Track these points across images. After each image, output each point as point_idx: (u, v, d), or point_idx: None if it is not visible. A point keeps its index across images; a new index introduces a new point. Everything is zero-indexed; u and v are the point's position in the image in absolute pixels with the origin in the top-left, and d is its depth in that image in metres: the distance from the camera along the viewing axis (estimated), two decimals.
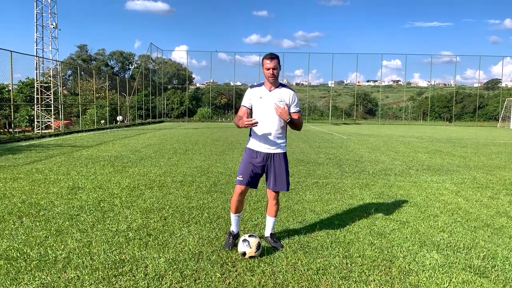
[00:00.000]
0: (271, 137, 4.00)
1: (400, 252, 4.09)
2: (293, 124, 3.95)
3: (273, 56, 3.89)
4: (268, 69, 3.89)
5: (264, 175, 4.18)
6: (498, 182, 8.17)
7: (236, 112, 4.48)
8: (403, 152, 13.62)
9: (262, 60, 3.92)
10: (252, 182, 4.06)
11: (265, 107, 3.96)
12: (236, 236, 4.17)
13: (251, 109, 4.06)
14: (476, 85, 61.06)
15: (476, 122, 51.45)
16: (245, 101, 4.07)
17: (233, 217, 4.18)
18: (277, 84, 4.01)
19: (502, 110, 46.62)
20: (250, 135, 4.17)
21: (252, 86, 4.13)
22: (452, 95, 55.99)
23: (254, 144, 4.08)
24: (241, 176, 4.04)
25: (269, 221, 4.25)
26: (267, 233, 4.25)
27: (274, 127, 4.00)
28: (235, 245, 4.07)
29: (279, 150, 4.07)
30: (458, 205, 6.10)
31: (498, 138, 22.94)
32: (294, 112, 3.99)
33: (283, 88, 4.03)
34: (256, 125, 3.78)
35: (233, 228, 4.21)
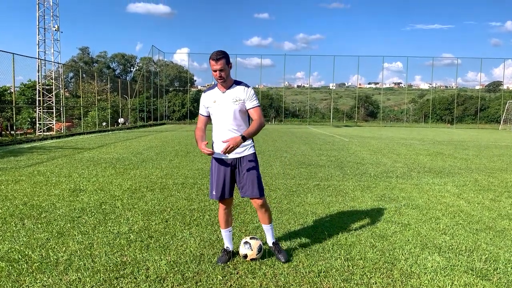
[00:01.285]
0: None
1: (402, 254, 4.08)
2: (253, 134, 3.61)
3: (218, 57, 3.52)
4: (215, 70, 3.56)
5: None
6: (500, 184, 8.15)
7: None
8: (404, 154, 13.60)
9: (209, 61, 3.56)
10: (230, 192, 3.81)
11: (221, 110, 3.67)
12: (231, 253, 3.90)
13: (209, 116, 3.81)
14: (477, 87, 61.14)
15: (477, 125, 51.38)
16: (201, 109, 3.84)
17: (223, 232, 3.96)
18: (229, 83, 3.69)
19: (504, 112, 46.53)
20: (213, 142, 3.85)
21: (205, 91, 3.84)
22: (453, 97, 55.95)
23: (219, 151, 3.72)
24: (213, 191, 3.79)
25: (266, 230, 3.98)
26: (269, 242, 3.97)
27: (235, 130, 3.67)
28: (229, 261, 3.81)
29: (246, 152, 3.75)
30: (459, 208, 6.09)
31: (499, 140, 22.90)
32: (252, 108, 3.68)
33: (237, 86, 3.69)
34: (212, 155, 3.60)
35: (228, 244, 3.95)
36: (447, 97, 61.01)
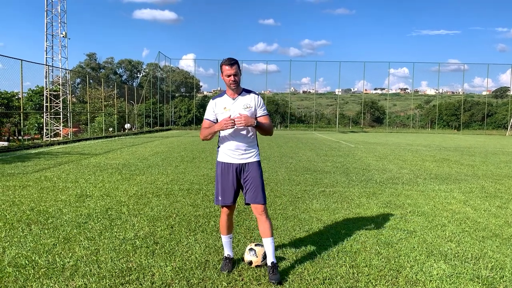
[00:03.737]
0: (242, 147, 3.72)
1: (407, 262, 4.06)
2: (262, 128, 3.72)
3: (232, 62, 3.61)
4: (229, 75, 3.61)
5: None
6: (507, 191, 8.09)
7: None
8: (410, 160, 13.55)
9: (221, 66, 3.64)
10: (234, 198, 3.80)
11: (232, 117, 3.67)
12: (232, 260, 3.91)
13: (215, 122, 3.77)
14: (484, 93, 60.78)
15: (484, 131, 51.04)
16: (209, 114, 3.80)
17: (224, 239, 3.93)
18: (239, 90, 3.75)
19: (511, 118, 46.24)
20: (218, 147, 3.88)
21: (214, 97, 3.86)
22: (460, 103, 55.68)
23: (225, 157, 3.78)
24: (219, 196, 3.80)
25: (267, 244, 3.70)
26: (269, 260, 3.67)
27: (244, 136, 3.74)
28: (233, 267, 3.84)
29: (252, 159, 3.77)
30: (466, 215, 6.06)
31: (507, 146, 22.74)
32: (261, 116, 3.75)
33: (247, 94, 3.76)
34: (234, 126, 3.57)
35: (228, 252, 3.92)
36: (454, 103, 60.73)
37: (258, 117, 3.74)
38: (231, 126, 3.53)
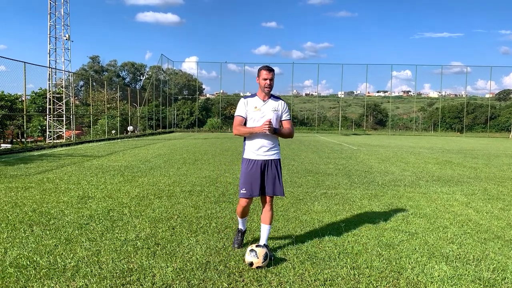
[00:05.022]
0: (266, 145, 4.19)
1: (409, 263, 4.06)
2: (281, 134, 4.22)
3: (270, 69, 4.15)
4: (266, 79, 4.12)
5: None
6: (509, 193, 8.07)
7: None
8: (413, 163, 13.53)
9: (259, 70, 4.15)
10: (255, 191, 4.21)
11: (260, 116, 4.18)
12: (243, 233, 4.54)
13: (245, 119, 4.25)
14: (487, 95, 60.59)
15: (487, 133, 50.89)
16: (241, 111, 4.25)
17: (240, 220, 4.51)
18: (270, 95, 4.26)
19: None
20: (244, 144, 4.34)
21: (245, 97, 4.33)
22: (463, 105, 55.56)
23: (250, 154, 4.24)
24: (244, 189, 4.22)
25: (264, 230, 4.25)
26: (261, 242, 4.19)
27: (268, 136, 4.19)
28: (243, 243, 4.44)
29: (274, 157, 4.26)
30: (468, 217, 6.04)
31: (510, 149, 22.67)
32: (285, 120, 4.29)
33: (276, 99, 4.29)
34: (270, 127, 4.03)
35: (241, 226, 4.54)
36: (457, 106, 60.55)
37: (282, 120, 4.29)
38: (268, 130, 4.02)
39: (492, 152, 19.49)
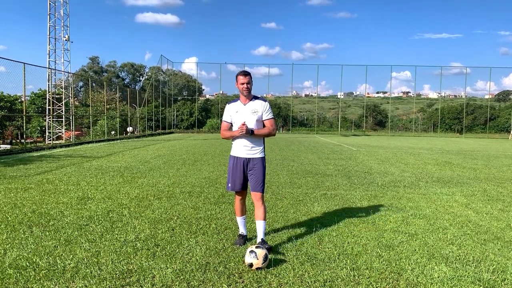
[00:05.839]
0: (247, 145, 4.50)
1: (408, 264, 4.05)
2: (259, 134, 4.46)
3: (246, 73, 4.47)
4: (243, 83, 4.43)
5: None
6: (509, 194, 8.07)
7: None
8: (412, 164, 13.53)
9: (236, 76, 4.49)
10: (242, 185, 4.57)
11: (241, 119, 4.47)
12: (245, 237, 4.69)
13: (231, 123, 4.63)
14: (487, 96, 60.63)
15: (487, 134, 50.92)
16: (226, 117, 4.67)
17: (238, 220, 4.74)
18: (250, 97, 4.53)
19: None
20: (232, 143, 4.68)
21: (229, 102, 4.71)
22: (462, 106, 55.60)
23: (235, 151, 4.60)
24: (229, 183, 4.63)
25: (259, 226, 4.45)
26: (259, 238, 4.43)
27: (249, 136, 4.48)
28: (245, 243, 4.56)
29: (256, 155, 4.54)
30: (468, 218, 6.04)
31: (509, 150, 22.68)
32: (266, 119, 4.52)
33: (256, 100, 4.54)
34: (246, 128, 4.34)
35: (242, 230, 4.72)
36: (456, 107, 60.61)
37: (264, 120, 4.51)
38: (245, 133, 4.35)
39: (492, 153, 19.50)
